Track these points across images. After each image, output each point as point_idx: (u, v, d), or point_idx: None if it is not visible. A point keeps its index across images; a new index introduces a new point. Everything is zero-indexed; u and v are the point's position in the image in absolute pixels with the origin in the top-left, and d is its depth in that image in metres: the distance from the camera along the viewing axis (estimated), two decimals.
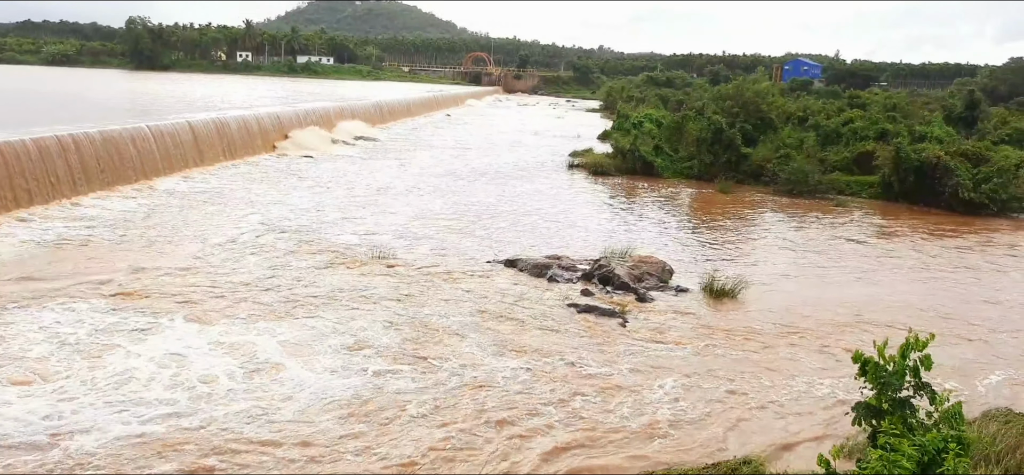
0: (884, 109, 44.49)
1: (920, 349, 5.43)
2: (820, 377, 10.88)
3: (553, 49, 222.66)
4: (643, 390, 10.12)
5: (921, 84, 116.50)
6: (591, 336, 12.07)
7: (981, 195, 24.91)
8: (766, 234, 21.37)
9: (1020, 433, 8.12)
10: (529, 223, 20.79)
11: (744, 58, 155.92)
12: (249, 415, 8.76)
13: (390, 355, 10.79)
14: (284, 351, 10.68)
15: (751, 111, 35.93)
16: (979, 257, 19.47)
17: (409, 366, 10.47)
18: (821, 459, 5.01)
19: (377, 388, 9.68)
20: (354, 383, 9.80)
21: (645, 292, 14.35)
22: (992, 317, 14.27)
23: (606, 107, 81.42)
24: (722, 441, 8.90)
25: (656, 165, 31.77)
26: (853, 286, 16.10)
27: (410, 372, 10.27)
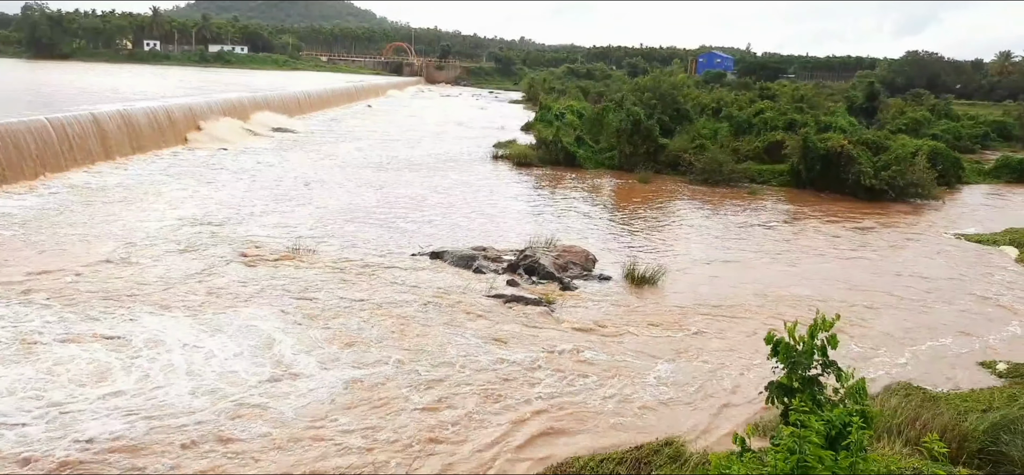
0: (792, 100, 46.60)
1: (827, 329, 5.78)
2: (736, 358, 11.38)
3: (475, 40, 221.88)
4: (566, 377, 10.37)
5: (826, 76, 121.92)
6: (517, 325, 12.25)
7: (881, 182, 26.42)
8: (684, 222, 22.08)
9: (919, 405, 8.76)
10: (454, 215, 20.83)
11: (661, 51, 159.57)
12: (130, 413, 8.57)
13: (302, 353, 10.63)
14: (184, 351, 10.39)
15: (668, 103, 36.97)
16: (880, 239, 20.67)
17: (318, 363, 10.38)
18: (737, 437, 5.24)
19: (273, 394, 9.44)
20: (255, 381, 9.64)
21: (570, 281, 14.65)
22: (894, 294, 15.21)
23: (528, 98, 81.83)
24: (645, 424, 9.23)
25: (578, 156, 32.28)
26: (766, 270, 16.86)
27: (319, 370, 10.13)
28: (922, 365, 11.53)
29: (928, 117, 49.53)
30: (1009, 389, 10.01)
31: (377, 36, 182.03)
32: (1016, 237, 20.38)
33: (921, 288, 15.86)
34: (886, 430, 8.08)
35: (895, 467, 6.69)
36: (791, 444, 4.49)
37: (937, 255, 18.97)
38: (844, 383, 5.67)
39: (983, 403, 9.05)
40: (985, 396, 9.53)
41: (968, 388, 10.20)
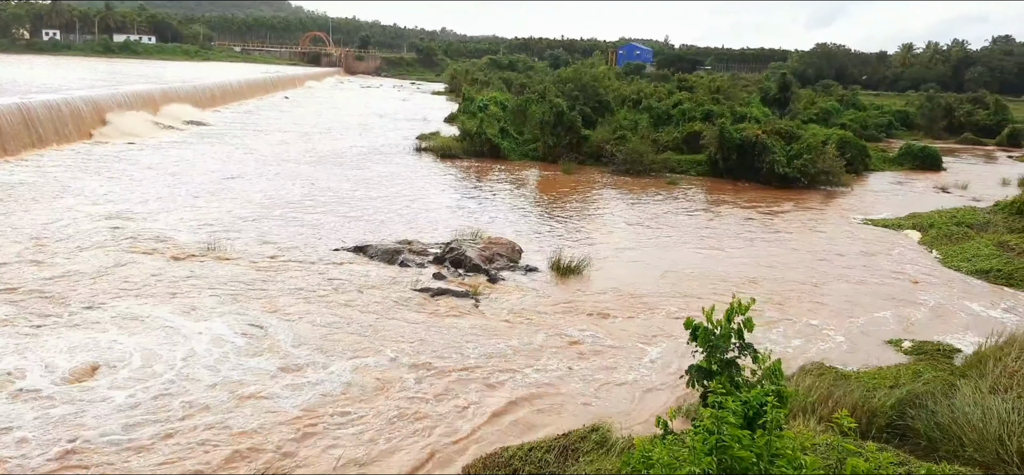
0: (709, 91, 47.97)
1: (743, 313, 5.93)
2: (660, 344, 11.61)
3: (395, 30, 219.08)
4: (493, 369, 10.36)
5: (741, 68, 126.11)
6: (444, 319, 12.15)
7: (794, 170, 27.49)
8: (607, 212, 22.40)
9: (831, 383, 9.13)
10: (378, 208, 20.49)
11: (582, 42, 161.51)
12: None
13: (219, 356, 10.27)
14: (82, 355, 9.88)
15: (590, 94, 37.40)
16: (794, 226, 21.49)
17: (238, 362, 10.06)
18: (659, 420, 5.30)
19: (172, 392, 9.17)
20: (157, 389, 9.24)
21: (496, 273, 14.63)
22: (807, 278, 15.83)
23: (451, 90, 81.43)
24: (572, 411, 9.30)
25: (502, 147, 32.29)
26: (687, 257, 17.27)
27: (239, 371, 9.84)
28: (834, 345, 12.04)
29: (837, 107, 51.84)
30: (914, 366, 10.56)
31: (293, 26, 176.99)
32: (919, 221, 21.54)
33: (832, 272, 16.56)
34: (801, 409, 8.38)
35: (809, 443, 6.94)
36: (710, 425, 4.56)
37: (847, 240, 19.84)
38: (760, 364, 5.82)
39: (890, 380, 9.51)
40: (892, 373, 10.01)
41: (877, 366, 10.69)
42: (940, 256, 18.04)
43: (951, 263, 17.32)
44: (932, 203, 25.30)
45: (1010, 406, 7.78)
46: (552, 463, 7.61)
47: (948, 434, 7.74)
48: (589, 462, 7.46)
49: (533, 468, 7.58)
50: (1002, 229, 19.69)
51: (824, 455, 6.44)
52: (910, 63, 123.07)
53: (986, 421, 7.56)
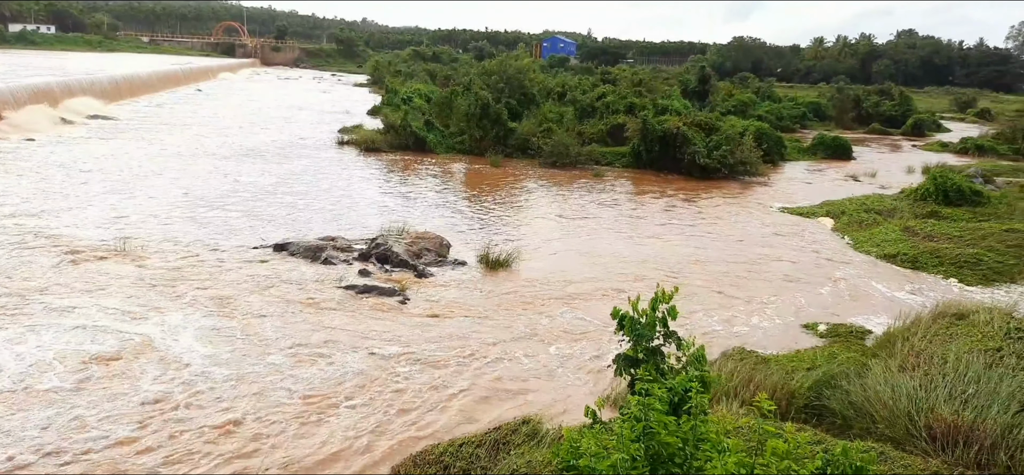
0: (632, 84, 48.78)
1: (667, 302, 6.00)
2: (589, 333, 11.69)
3: (313, 20, 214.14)
4: (424, 365, 10.21)
5: (662, 61, 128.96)
6: (370, 316, 11.92)
7: (714, 161, 28.23)
8: (535, 204, 22.47)
9: (752, 367, 9.39)
10: (299, 204, 19.95)
11: (506, 35, 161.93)
12: None
13: (130, 364, 9.82)
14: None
15: (515, 87, 37.50)
16: (715, 215, 22.06)
17: (151, 369, 9.62)
18: (588, 410, 5.32)
19: (74, 403, 8.74)
20: (70, 386, 8.78)
21: (424, 268, 14.45)
22: (729, 266, 16.26)
23: (374, 82, 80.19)
24: (503, 404, 9.25)
25: (428, 140, 31.98)
26: (614, 247, 17.48)
27: (150, 379, 9.43)
28: (755, 329, 12.40)
29: (753, 99, 53.57)
30: (829, 348, 10.98)
31: (205, 15, 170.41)
32: (831, 209, 22.45)
33: (752, 259, 17.06)
34: (724, 393, 8.59)
35: (732, 426, 7.12)
36: (637, 413, 4.60)
37: (765, 228, 20.50)
38: (685, 351, 5.91)
39: (808, 362, 9.84)
40: (809, 355, 10.37)
41: (795, 349, 11.05)
42: (851, 242, 18.84)
43: (862, 248, 18.11)
44: (843, 191, 26.43)
45: (917, 383, 8.17)
46: (483, 457, 7.55)
47: (861, 412, 8.06)
48: (520, 455, 7.43)
49: (464, 464, 7.49)
50: (908, 215, 20.72)
51: (746, 437, 6.61)
52: (821, 56, 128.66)
53: (896, 398, 7.91)
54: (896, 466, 6.89)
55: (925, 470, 6.86)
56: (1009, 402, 7.40)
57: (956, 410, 7.46)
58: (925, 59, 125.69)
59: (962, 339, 9.73)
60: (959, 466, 6.93)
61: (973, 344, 9.46)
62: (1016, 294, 14.56)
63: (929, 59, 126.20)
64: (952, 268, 16.27)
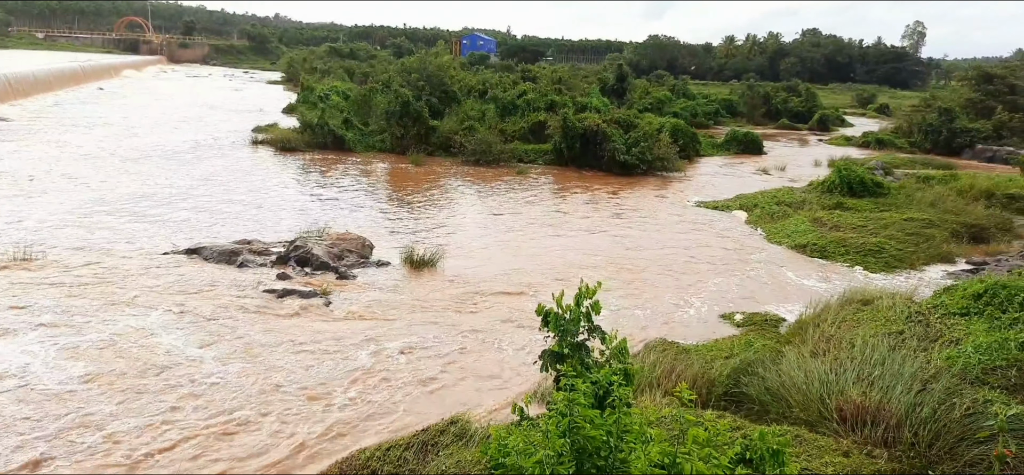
0: (552, 82, 49.17)
1: (590, 297, 6.05)
2: (516, 331, 11.69)
3: (223, 16, 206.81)
4: (349, 369, 9.99)
5: (581, 59, 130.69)
6: (290, 321, 11.58)
7: (633, 157, 28.80)
8: (460, 203, 22.36)
9: (673, 358, 9.60)
10: (213, 207, 19.20)
11: (425, 31, 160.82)
12: None
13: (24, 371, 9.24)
14: None
15: (435, 84, 37.21)
16: (635, 210, 22.48)
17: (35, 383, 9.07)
18: (515, 407, 5.31)
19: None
20: None
21: (346, 270, 14.15)
22: (650, 259, 16.59)
23: (288, 79, 78.08)
24: (431, 405, 9.14)
25: (347, 139, 31.37)
26: (539, 244, 17.58)
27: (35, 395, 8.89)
28: (676, 321, 12.69)
29: (669, 96, 54.86)
30: (746, 336, 11.34)
31: (106, 11, 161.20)
32: (745, 202, 23.23)
33: (671, 252, 17.47)
34: (648, 384, 8.75)
35: (655, 417, 7.25)
36: (562, 408, 4.62)
37: (683, 222, 21.03)
38: (608, 345, 5.97)
39: (726, 351, 10.14)
40: (727, 344, 10.70)
41: (714, 338, 11.38)
42: (764, 233, 19.54)
43: (774, 239, 18.81)
44: (756, 185, 27.40)
45: (828, 368, 8.53)
46: (411, 460, 7.45)
47: (777, 397, 8.35)
48: (449, 455, 7.37)
49: (392, 467, 7.38)
50: (816, 206, 21.65)
51: (669, 427, 6.74)
52: (733, 54, 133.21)
53: (809, 383, 8.23)
54: (810, 448, 7.16)
55: (837, 450, 7.15)
56: (912, 382, 7.80)
57: (864, 392, 7.82)
58: (829, 57, 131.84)
59: (868, 324, 10.23)
60: (868, 445, 7.26)
61: (878, 328, 9.96)
62: (915, 279, 15.42)
63: (832, 57, 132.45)
64: (857, 256, 17.10)
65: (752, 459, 4.55)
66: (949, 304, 10.78)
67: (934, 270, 16.49)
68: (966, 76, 52.05)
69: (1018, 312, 10.03)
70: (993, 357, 8.48)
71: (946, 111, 42.57)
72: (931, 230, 18.87)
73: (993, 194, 23.36)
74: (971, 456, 6.82)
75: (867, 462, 6.94)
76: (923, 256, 17.30)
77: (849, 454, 7.07)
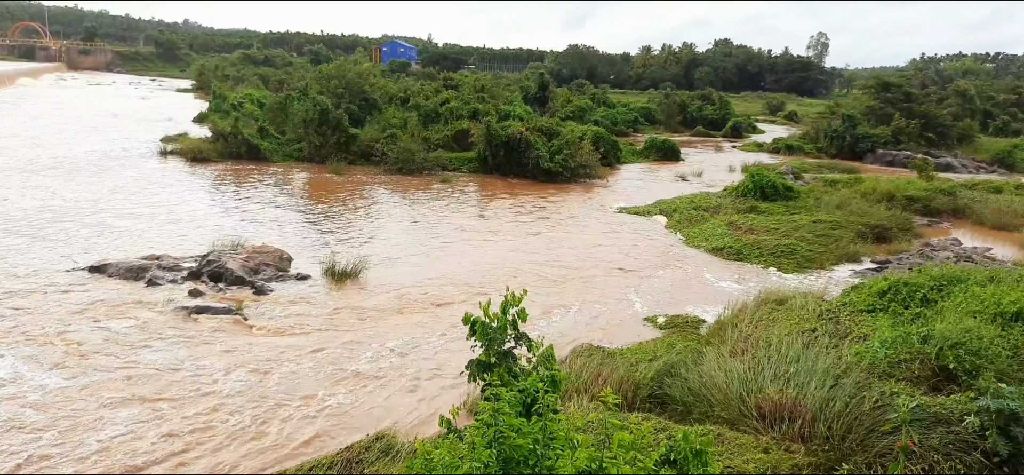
0: (474, 90, 49.10)
1: (516, 304, 6.00)
2: (443, 342, 11.55)
3: (128, 21, 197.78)
4: (265, 388, 9.63)
5: (502, 67, 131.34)
6: (203, 340, 11.09)
7: (556, 165, 29.11)
8: (383, 212, 22.01)
9: (600, 362, 9.67)
10: (119, 221, 18.24)
11: (343, 38, 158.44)
12: None
13: None
14: None
15: (355, 92, 36.65)
16: (559, 216, 22.66)
17: None
18: (442, 419, 5.22)
19: None
20: None
21: (263, 284, 13.68)
22: (575, 264, 16.71)
23: (199, 87, 75.38)
24: (355, 422, 8.91)
25: (263, 149, 30.49)
26: (464, 252, 17.46)
27: None
28: (601, 325, 12.81)
29: (590, 105, 55.80)
30: (668, 338, 11.55)
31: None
32: (664, 207, 23.76)
33: (595, 257, 17.66)
34: (575, 390, 8.78)
35: (582, 422, 7.26)
36: (488, 418, 4.56)
37: (606, 228, 21.33)
38: (535, 352, 5.94)
39: (650, 353, 10.29)
40: (651, 347, 10.86)
41: (638, 342, 11.53)
42: (684, 237, 20.02)
43: (693, 243, 19.30)
44: (674, 190, 28.09)
45: (746, 367, 8.76)
46: None
47: (699, 397, 8.52)
48: (374, 472, 7.19)
49: None
50: (731, 210, 22.34)
51: (595, 432, 6.74)
52: (649, 64, 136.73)
53: (729, 382, 8.42)
54: (732, 446, 7.32)
55: (757, 447, 7.33)
56: (825, 378, 8.09)
57: (781, 389, 8.06)
58: (740, 66, 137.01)
59: (783, 323, 10.58)
60: (786, 440, 7.48)
61: (792, 327, 10.32)
62: (825, 279, 16.09)
63: (743, 66, 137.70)
64: (771, 258, 17.72)
65: (676, 460, 4.60)
66: (857, 302, 11.29)
67: (842, 269, 17.24)
68: (866, 85, 55.05)
69: (919, 308, 10.60)
70: (898, 351, 8.89)
71: (849, 118, 44.83)
72: (838, 231, 19.75)
73: (894, 196, 24.68)
74: (880, 447, 7.10)
75: (785, 457, 7.14)
76: (832, 256, 18.08)
77: (768, 450, 7.26)
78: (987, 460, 6.93)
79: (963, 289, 10.74)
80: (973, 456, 6.95)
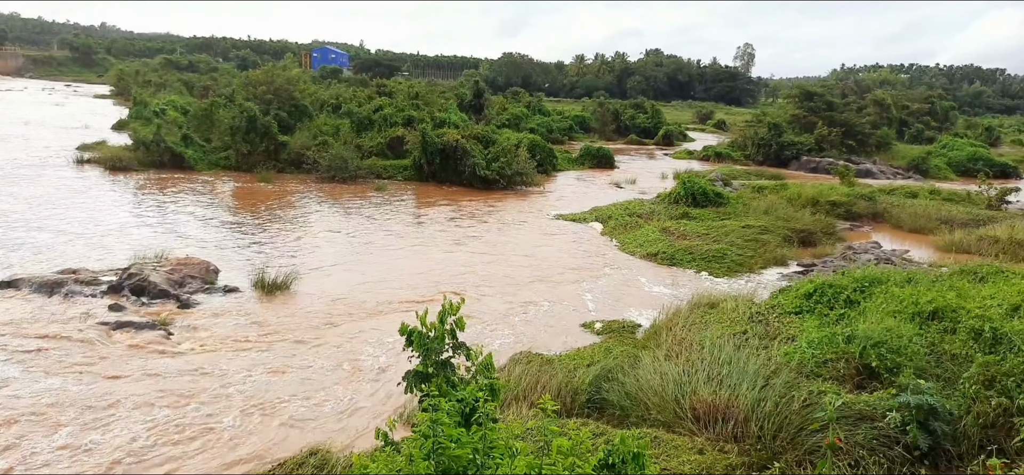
0: (408, 97, 48.87)
1: (454, 313, 5.92)
2: (380, 352, 11.33)
3: (40, 24, 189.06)
4: (193, 404, 9.25)
5: (437, 74, 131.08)
6: (125, 357, 10.59)
7: (493, 172, 29.13)
8: (315, 221, 21.54)
9: (538, 369, 9.66)
10: (31, 235, 17.30)
11: (272, 44, 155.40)
12: None
13: None
14: None
15: (284, 98, 35.90)
16: (497, 224, 22.64)
17: None
18: (379, 432, 5.10)
19: None
20: None
21: (189, 297, 13.18)
22: (513, 273, 16.69)
23: (119, 93, 72.61)
24: (288, 438, 8.63)
25: (187, 157, 29.49)
26: (400, 261, 17.22)
27: None
28: (539, 332, 12.80)
29: (525, 113, 56.10)
30: (605, 343, 11.64)
31: None
32: (600, 214, 24.02)
33: (533, 264, 17.69)
34: (514, 397, 8.76)
35: (521, 430, 7.23)
36: (426, 429, 4.48)
37: (543, 235, 21.40)
38: (474, 361, 5.88)
39: (588, 359, 10.35)
40: (588, 352, 10.92)
41: (576, 348, 11.58)
42: (619, 244, 20.27)
43: (627, 249, 19.56)
44: (609, 197, 28.45)
45: (681, 370, 8.90)
46: None
47: (636, 401, 8.60)
48: None
49: None
50: (664, 217, 22.77)
51: (535, 439, 6.72)
52: (583, 72, 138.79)
53: (664, 385, 8.54)
54: (668, 448, 7.42)
55: (692, 448, 7.45)
56: (756, 379, 8.29)
57: (714, 390, 8.22)
58: (670, 76, 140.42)
59: (715, 326, 10.80)
60: (720, 441, 7.62)
61: (724, 329, 10.54)
62: (755, 282, 16.54)
63: (674, 76, 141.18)
64: (703, 262, 18.11)
65: (614, 464, 4.62)
66: (784, 304, 11.62)
67: (770, 273, 17.76)
68: (791, 94, 57.08)
69: (843, 309, 10.99)
70: (824, 351, 9.19)
71: (775, 126, 46.39)
72: (766, 236, 20.35)
73: (818, 201, 25.60)
74: (810, 444, 7.31)
75: (720, 458, 7.27)
76: (760, 260, 18.60)
77: (703, 451, 7.39)
78: (908, 454, 7.22)
79: (883, 290, 11.19)
80: (895, 450, 7.23)
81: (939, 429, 7.29)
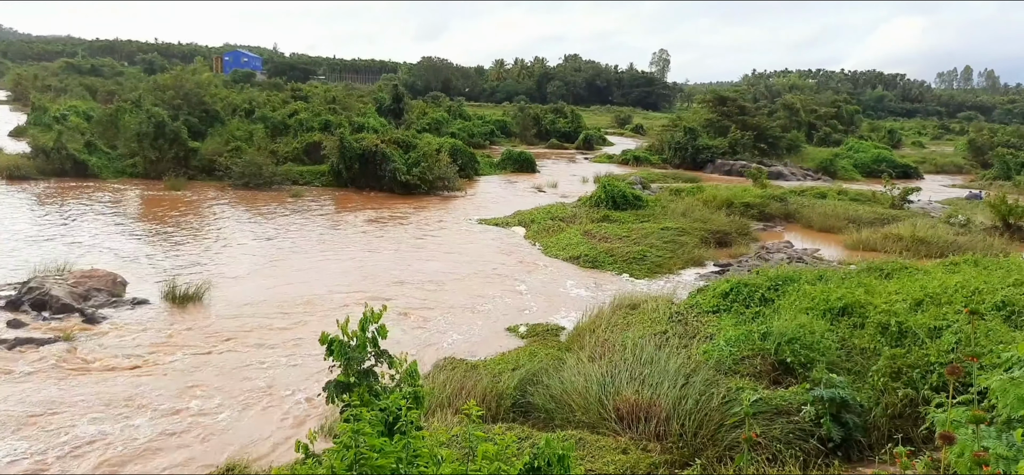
0: (325, 102, 47.95)
1: (375, 321, 5.82)
2: (300, 363, 11.01)
3: None
4: (100, 427, 8.75)
5: (354, 78, 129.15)
6: (23, 377, 9.94)
7: (414, 177, 28.87)
8: (228, 230, 20.80)
9: (463, 375, 9.59)
10: None
11: (180, 47, 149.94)
12: None
13: None
14: None
15: (194, 103, 34.66)
16: (419, 230, 22.42)
17: None
18: (299, 444, 4.96)
19: None
20: None
21: (94, 311, 12.50)
22: (436, 278, 16.54)
23: (16, 98, 68.55)
24: (204, 454, 8.27)
25: (91, 164, 28.07)
26: (319, 269, 16.81)
27: None
28: (463, 338, 12.72)
29: (446, 117, 55.93)
30: (530, 347, 11.65)
31: None
32: (522, 218, 24.12)
33: (456, 269, 17.58)
34: (438, 405, 8.65)
35: (446, 437, 7.15)
36: (347, 440, 4.39)
37: (465, 239, 21.34)
38: (397, 369, 5.80)
39: (512, 363, 10.33)
40: (513, 356, 10.91)
41: (500, 352, 11.55)
42: (542, 247, 20.40)
43: (550, 252, 19.70)
44: (532, 201, 28.62)
45: (604, 370, 9.00)
46: None
47: (561, 404, 8.65)
48: None
49: None
50: (585, 220, 23.06)
51: (460, 445, 6.67)
52: (503, 77, 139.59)
53: (588, 387, 8.62)
54: (593, 449, 7.48)
55: (616, 448, 7.54)
56: (676, 377, 8.46)
57: (637, 390, 8.34)
58: (589, 81, 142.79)
59: (636, 326, 10.99)
60: (643, 440, 7.74)
61: (645, 330, 10.73)
62: (674, 283, 16.93)
63: (592, 81, 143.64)
64: (624, 264, 18.43)
65: (540, 467, 4.63)
66: (702, 303, 11.94)
67: (688, 273, 18.24)
68: (705, 99, 58.94)
69: (758, 307, 11.37)
70: (741, 348, 9.48)
71: (690, 130, 47.76)
72: (684, 237, 20.88)
73: (732, 203, 26.46)
74: (730, 440, 7.52)
75: (643, 457, 7.39)
76: (679, 261, 19.08)
77: (627, 451, 7.48)
78: (823, 446, 7.52)
79: (796, 288, 11.63)
80: (811, 443, 7.52)
81: (851, 421, 7.62)
